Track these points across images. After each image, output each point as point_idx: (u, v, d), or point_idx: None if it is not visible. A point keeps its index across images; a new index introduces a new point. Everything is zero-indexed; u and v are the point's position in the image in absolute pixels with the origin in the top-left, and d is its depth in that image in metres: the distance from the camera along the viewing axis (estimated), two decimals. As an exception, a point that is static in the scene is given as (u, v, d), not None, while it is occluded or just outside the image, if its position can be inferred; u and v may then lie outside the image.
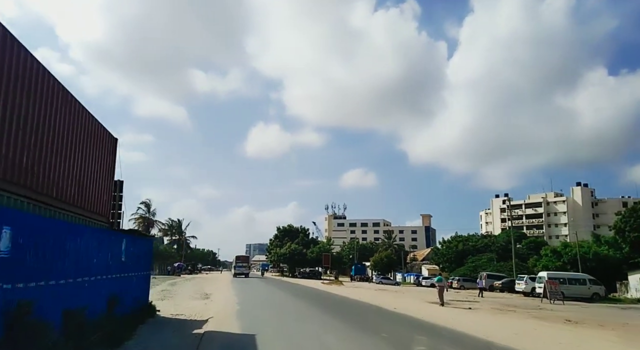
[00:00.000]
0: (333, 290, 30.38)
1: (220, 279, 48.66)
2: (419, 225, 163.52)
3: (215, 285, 31.40)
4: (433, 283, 61.15)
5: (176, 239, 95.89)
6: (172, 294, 21.56)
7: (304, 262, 73.56)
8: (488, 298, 30.50)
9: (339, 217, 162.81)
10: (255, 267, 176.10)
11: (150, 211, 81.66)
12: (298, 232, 79.75)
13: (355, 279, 75.68)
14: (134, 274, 12.40)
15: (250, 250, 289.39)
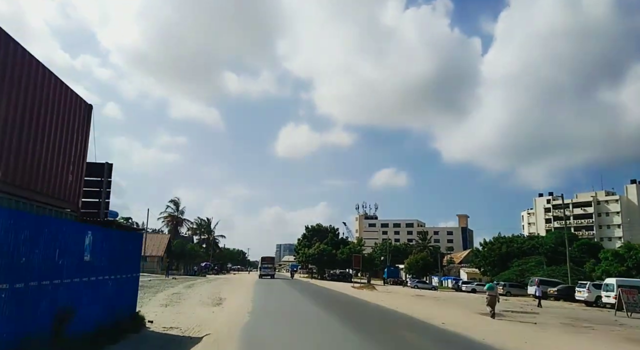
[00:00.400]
0: (365, 296, 27.08)
1: (245, 280, 46.32)
2: (455, 226, 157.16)
3: (235, 288, 28.83)
4: (474, 288, 56.89)
5: (205, 238, 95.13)
6: (182, 299, 18.96)
7: (333, 264, 70.40)
8: (547, 308, 26.30)
9: (370, 217, 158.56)
10: (284, 267, 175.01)
11: (178, 209, 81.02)
12: (327, 231, 76.64)
13: (388, 282, 71.88)
14: (110, 277, 9.63)
15: (280, 251, 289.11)
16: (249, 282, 39.40)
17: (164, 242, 59.29)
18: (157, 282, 29.55)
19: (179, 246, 60.05)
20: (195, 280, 37.36)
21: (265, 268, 55.29)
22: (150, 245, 57.77)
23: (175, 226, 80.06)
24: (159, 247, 58.25)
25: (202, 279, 41.07)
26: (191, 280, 37.75)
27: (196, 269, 68.15)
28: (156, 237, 59.93)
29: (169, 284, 28.18)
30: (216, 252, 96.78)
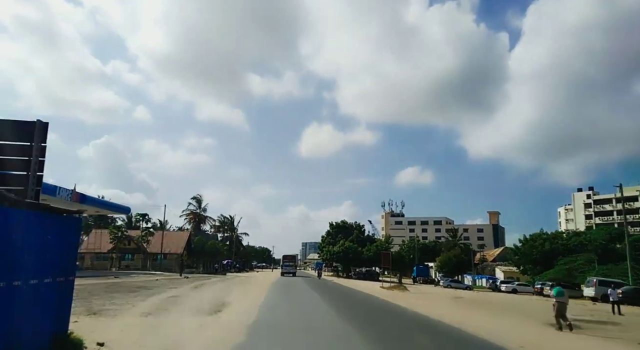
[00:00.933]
0: (399, 299, 22.85)
1: (265, 278, 42.78)
2: (486, 224, 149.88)
3: (249, 289, 25.19)
4: (515, 288, 51.49)
5: (228, 235, 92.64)
6: (175, 305, 15.37)
7: (359, 262, 66.23)
8: (621, 315, 21.34)
9: (397, 215, 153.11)
10: (310, 265, 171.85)
11: (201, 207, 78.75)
12: (352, 228, 72.47)
13: (418, 281, 67.24)
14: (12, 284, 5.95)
15: (305, 249, 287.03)
16: (267, 281, 35.81)
17: (184, 239, 56.65)
18: (163, 282, 26.25)
19: (199, 243, 57.33)
20: (209, 279, 34.02)
21: (287, 266, 55.20)
22: (169, 243, 55.22)
23: (197, 223, 77.84)
24: (178, 244, 55.62)
25: (218, 278, 37.75)
26: (205, 279, 34.45)
27: (217, 267, 65.45)
28: (175, 235, 57.44)
29: (175, 285, 24.80)
30: (240, 249, 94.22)
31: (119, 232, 47.24)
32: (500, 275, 70.29)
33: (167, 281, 27.86)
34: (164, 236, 55.26)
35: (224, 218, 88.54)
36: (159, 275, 35.30)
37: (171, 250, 53.99)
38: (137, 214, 48.51)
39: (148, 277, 31.99)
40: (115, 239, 47.01)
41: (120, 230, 47.72)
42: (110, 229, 47.93)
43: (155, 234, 56.56)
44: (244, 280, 35.75)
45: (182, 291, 21.03)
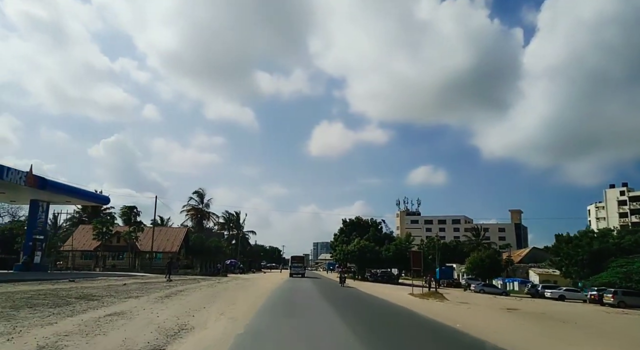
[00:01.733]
0: (444, 314, 16.09)
1: (270, 281, 36.39)
2: (507, 223, 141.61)
3: (239, 299, 18.71)
4: (562, 294, 44.14)
5: (234, 233, 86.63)
6: (93, 334, 8.96)
7: (376, 262, 59.39)
8: None
9: (412, 213, 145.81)
10: (321, 265, 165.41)
11: (203, 202, 72.76)
12: (368, 226, 65.61)
13: (441, 284, 60.28)
14: None
15: (317, 249, 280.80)
16: (270, 285, 29.33)
17: (180, 236, 50.53)
18: (129, 289, 19.92)
19: (198, 241, 51.15)
20: (198, 283, 27.62)
21: (296, 267, 54.31)
22: (164, 240, 49.17)
23: (199, 220, 71.93)
24: (173, 242, 49.52)
25: (211, 281, 31.35)
26: (193, 283, 28.07)
27: (219, 267, 59.32)
28: (171, 231, 51.36)
29: (142, 292, 18.44)
30: (246, 248, 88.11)
31: (103, 228, 41.24)
32: (534, 278, 62.69)
33: (138, 286, 21.52)
34: (155, 233, 49.28)
35: (229, 215, 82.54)
36: (138, 278, 29.05)
37: (165, 249, 47.93)
38: (124, 207, 42.50)
39: (121, 280, 25.73)
40: (99, 236, 41.11)
41: (105, 225, 41.73)
42: (94, 224, 42.08)
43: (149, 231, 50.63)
44: (241, 285, 29.32)
45: (140, 304, 14.60)
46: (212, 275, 47.97)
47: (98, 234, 41.21)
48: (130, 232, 41.61)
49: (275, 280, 37.06)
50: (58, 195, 28.60)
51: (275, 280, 37.98)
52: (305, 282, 36.39)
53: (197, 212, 70.41)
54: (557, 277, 58.10)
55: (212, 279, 34.85)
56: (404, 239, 61.57)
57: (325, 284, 37.65)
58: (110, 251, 44.68)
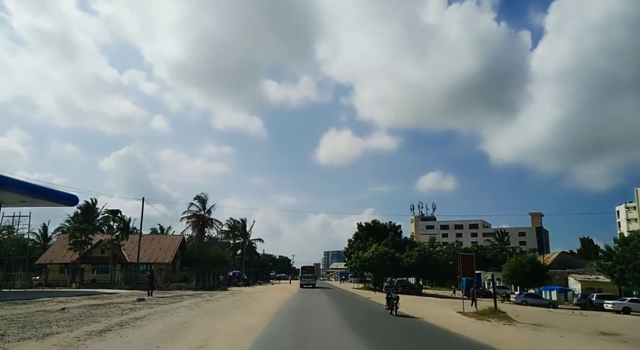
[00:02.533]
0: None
1: (274, 297, 29.66)
2: (527, 227, 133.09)
3: (220, 332, 11.99)
4: (627, 306, 36.61)
5: (240, 242, 79.98)
6: None
7: (396, 270, 52.15)
8: None
9: (427, 219, 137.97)
10: (333, 275, 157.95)
11: (205, 208, 66.16)
12: (386, 230, 58.44)
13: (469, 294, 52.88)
14: None
15: (328, 258, 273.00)
16: (274, 303, 22.57)
17: (174, 245, 44.00)
18: (59, 317, 13.32)
19: (195, 250, 44.57)
20: (181, 303, 20.89)
21: (306, 277, 52.19)
22: (155, 250, 42.71)
23: (201, 228, 65.31)
24: (166, 252, 42.97)
25: (200, 298, 24.56)
26: (174, 301, 21.35)
27: (221, 279, 52.68)
28: (163, 240, 44.82)
29: (68, 325, 11.85)
30: (253, 258, 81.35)
31: (81, 236, 34.81)
32: (575, 286, 54.84)
33: (80, 312, 14.90)
34: (146, 242, 42.94)
35: (234, 222, 75.91)
36: (100, 298, 22.45)
37: (157, 259, 41.43)
38: (106, 211, 36.18)
39: (72, 301, 19.17)
40: (75, 245, 34.70)
41: (84, 233, 35.27)
42: (70, 232, 35.77)
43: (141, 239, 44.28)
44: (240, 301, 22.60)
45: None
46: (210, 289, 41.27)
47: (75, 243, 34.84)
48: (113, 240, 35.17)
49: (281, 295, 30.15)
50: (6, 193, 22.46)
51: (280, 295, 31.03)
52: (318, 297, 29.36)
53: (199, 219, 63.84)
54: (602, 284, 50.46)
55: (203, 295, 28.09)
56: (428, 243, 54.25)
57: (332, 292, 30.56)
58: (94, 263, 38.36)
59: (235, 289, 42.18)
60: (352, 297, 33.93)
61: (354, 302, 28.50)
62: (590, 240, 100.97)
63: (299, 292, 36.86)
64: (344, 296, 34.81)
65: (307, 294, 33.94)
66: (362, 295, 35.80)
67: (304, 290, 37.32)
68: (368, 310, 21.85)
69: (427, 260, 50.69)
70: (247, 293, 33.77)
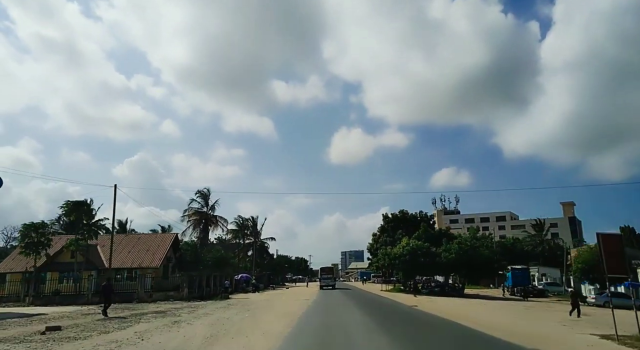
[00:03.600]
0: None
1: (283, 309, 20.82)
2: (559, 217, 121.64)
3: None
4: None
5: (250, 242, 71.40)
6: None
7: (433, 268, 42.78)
8: None
9: (451, 212, 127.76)
10: (352, 275, 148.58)
11: (208, 204, 57.84)
12: (416, 220, 49.02)
13: (517, 292, 43.60)
14: None
15: (345, 258, 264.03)
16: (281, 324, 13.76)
17: (165, 245, 35.49)
18: None
19: (190, 251, 35.99)
20: (124, 329, 12.22)
21: (326, 279, 51.29)
22: (141, 252, 34.28)
23: (204, 227, 56.96)
24: (154, 254, 34.45)
25: (162, 321, 15.67)
26: (130, 323, 12.76)
27: (227, 284, 44.08)
28: (151, 240, 36.29)
29: None
30: (265, 259, 72.64)
31: (36, 237, 26.35)
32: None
33: None
34: (130, 243, 34.61)
35: (243, 220, 67.30)
36: (6, 323, 13.89)
37: (143, 263, 32.99)
38: (67, 203, 27.44)
39: None
40: (27, 248, 26.33)
41: (42, 233, 26.87)
42: (21, 232, 27.26)
43: (123, 240, 35.98)
44: (217, 328, 13.70)
45: None
46: (208, 297, 32.59)
47: (28, 245, 26.47)
48: (79, 240, 26.72)
49: (297, 301, 21.16)
50: None
51: (297, 301, 22.02)
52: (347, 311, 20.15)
53: (201, 216, 55.50)
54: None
55: (182, 311, 19.28)
56: (470, 235, 44.63)
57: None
58: (61, 270, 30.09)
59: (239, 297, 33.43)
60: (392, 306, 24.64)
61: (354, 294, 19.26)
62: (631, 229, 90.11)
63: (319, 300, 27.94)
64: (380, 304, 25.56)
65: (330, 304, 24.90)
66: (404, 302, 26.60)
67: (325, 299, 28.42)
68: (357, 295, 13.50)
69: (470, 255, 41.14)
70: (250, 304, 24.88)
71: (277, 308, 21.44)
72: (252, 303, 25.87)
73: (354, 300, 27.92)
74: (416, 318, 17.08)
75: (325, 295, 34.94)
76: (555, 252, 72.01)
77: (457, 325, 14.32)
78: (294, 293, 42.07)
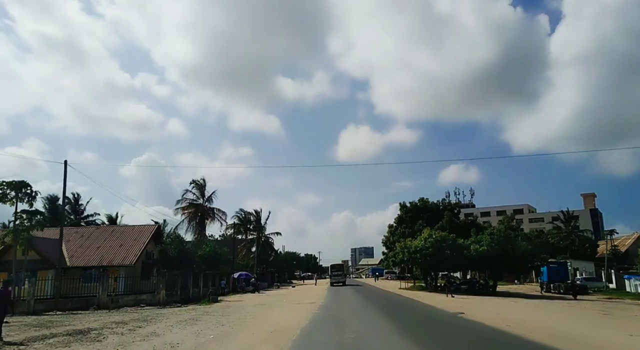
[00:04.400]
0: None
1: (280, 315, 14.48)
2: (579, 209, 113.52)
3: None
4: None
5: (253, 237, 65.15)
6: None
7: (461, 262, 35.96)
8: None
9: (466, 206, 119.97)
10: (363, 272, 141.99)
11: (204, 196, 51.63)
12: (439, 209, 42.17)
13: (555, 289, 37.11)
14: None
15: (355, 255, 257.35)
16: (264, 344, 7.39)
17: (142, 239, 29.19)
18: None
19: (175, 246, 29.72)
20: None
21: (336, 275, 50.70)
22: (113, 247, 28.08)
23: (201, 220, 50.73)
24: (128, 249, 28.17)
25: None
26: None
27: (223, 284, 37.87)
28: (127, 232, 29.89)
29: None
30: (270, 256, 66.23)
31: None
32: None
33: None
34: (104, 235, 28.43)
35: (245, 214, 61.00)
36: None
37: (113, 261, 26.79)
38: (3, 182, 21.34)
39: None
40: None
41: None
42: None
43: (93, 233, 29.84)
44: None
45: None
46: (193, 300, 26.27)
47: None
48: (21, 230, 20.57)
49: (290, 320, 14.48)
50: None
51: (290, 318, 15.37)
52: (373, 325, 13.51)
53: (197, 209, 49.29)
54: None
55: (132, 323, 12.97)
56: (504, 225, 37.58)
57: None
58: (10, 271, 23.88)
59: (232, 300, 27.06)
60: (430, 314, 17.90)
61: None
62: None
63: (328, 304, 21.49)
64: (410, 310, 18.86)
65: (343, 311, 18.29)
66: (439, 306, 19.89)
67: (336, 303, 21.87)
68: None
69: (504, 248, 34.27)
70: (234, 312, 18.39)
71: (267, 320, 14.90)
72: (239, 310, 19.39)
73: (373, 304, 21.37)
74: (488, 339, 10.42)
75: (336, 296, 28.48)
76: (583, 245, 64.99)
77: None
78: (299, 293, 35.56)
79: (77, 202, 52.68)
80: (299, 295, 31.73)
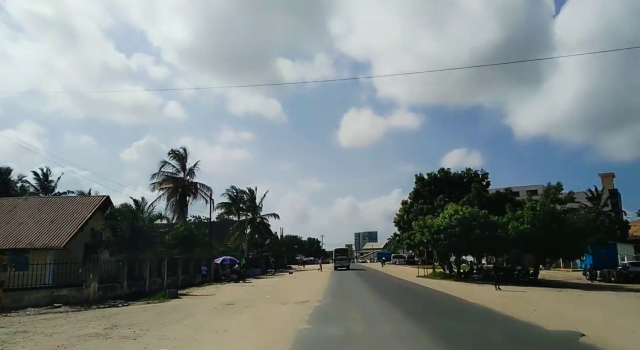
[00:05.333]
0: None
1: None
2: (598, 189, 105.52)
3: None
4: None
5: (249, 218, 57.96)
6: None
7: (496, 244, 28.53)
8: None
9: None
10: (368, 256, 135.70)
11: (185, 168, 44.17)
12: (463, 182, 34.52)
13: (599, 276, 30.12)
14: None
15: (359, 239, 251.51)
16: None
17: (82, 215, 21.80)
18: None
19: (127, 222, 22.26)
20: None
21: (340, 260, 50.00)
22: (42, 225, 20.74)
23: (181, 197, 43.30)
24: (60, 226, 20.84)
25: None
26: None
27: (204, 272, 30.77)
28: (64, 205, 22.40)
29: None
30: (266, 239, 59.11)
31: None
32: None
33: None
34: (22, 210, 21.27)
35: (237, 191, 53.51)
36: None
37: (40, 243, 19.54)
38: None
39: None
40: None
41: None
42: None
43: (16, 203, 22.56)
44: None
45: None
46: (146, 295, 19.11)
47: None
48: None
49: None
50: None
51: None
52: None
53: (177, 184, 41.86)
54: None
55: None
56: (551, 197, 29.84)
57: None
58: None
59: (201, 293, 19.79)
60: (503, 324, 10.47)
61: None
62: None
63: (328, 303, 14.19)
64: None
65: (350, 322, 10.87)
66: (498, 308, 12.42)
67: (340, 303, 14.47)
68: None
69: (550, 227, 26.74)
70: (176, 320, 11.08)
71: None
72: (188, 315, 11.99)
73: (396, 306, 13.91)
74: None
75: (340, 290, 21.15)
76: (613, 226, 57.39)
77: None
78: (294, 284, 28.23)
79: (47, 179, 45.45)
80: (292, 287, 24.38)
